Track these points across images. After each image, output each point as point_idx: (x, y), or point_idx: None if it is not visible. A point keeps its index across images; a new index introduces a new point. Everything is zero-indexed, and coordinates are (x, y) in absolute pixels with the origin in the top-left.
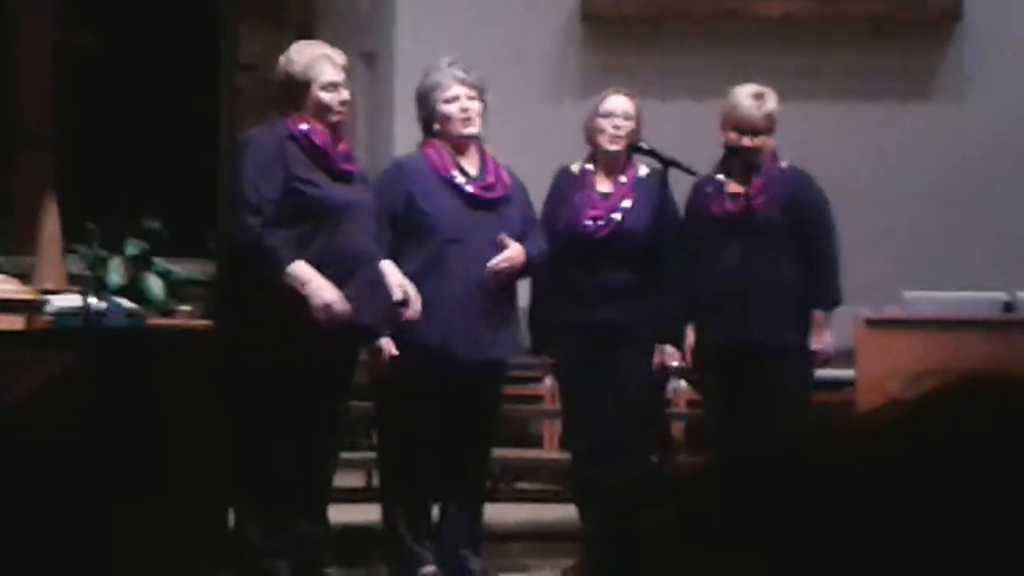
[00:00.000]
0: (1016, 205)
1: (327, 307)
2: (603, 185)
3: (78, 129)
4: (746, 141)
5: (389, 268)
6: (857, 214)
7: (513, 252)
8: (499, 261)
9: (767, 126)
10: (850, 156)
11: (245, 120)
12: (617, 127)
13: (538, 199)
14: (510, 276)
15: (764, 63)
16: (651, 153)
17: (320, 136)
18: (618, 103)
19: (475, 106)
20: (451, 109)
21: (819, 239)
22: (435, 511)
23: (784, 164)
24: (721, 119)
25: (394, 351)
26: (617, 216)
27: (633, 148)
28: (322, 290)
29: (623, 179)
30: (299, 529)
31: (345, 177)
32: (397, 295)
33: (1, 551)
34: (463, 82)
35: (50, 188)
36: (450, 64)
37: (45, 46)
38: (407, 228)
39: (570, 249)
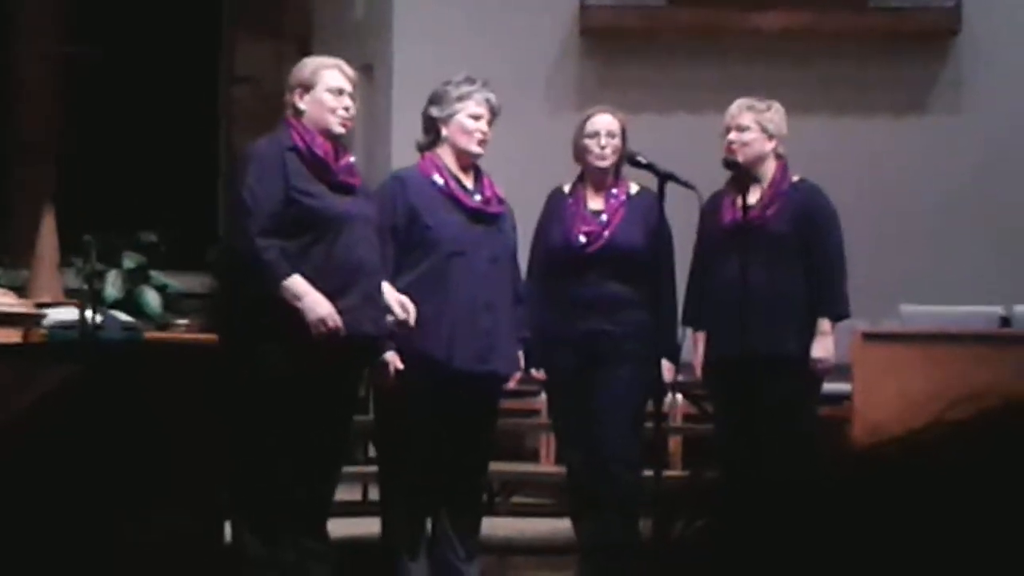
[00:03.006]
0: (1013, 219)
1: (321, 321)
2: (594, 202)
3: (76, 142)
4: (731, 136)
5: (385, 287)
6: (855, 228)
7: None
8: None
9: (753, 123)
10: (847, 170)
11: (243, 132)
12: (603, 146)
13: (536, 211)
14: None
15: (762, 77)
16: (648, 167)
17: (321, 148)
18: (602, 122)
19: (489, 132)
20: (473, 125)
21: (827, 251)
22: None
23: (795, 177)
24: None
25: (399, 364)
26: (608, 232)
27: (631, 161)
28: (317, 305)
29: (614, 196)
30: (299, 544)
31: (346, 189)
32: (398, 313)
33: None
34: (491, 108)
35: (48, 201)
36: (483, 85)
37: (46, 59)
38: (409, 241)
39: (562, 265)
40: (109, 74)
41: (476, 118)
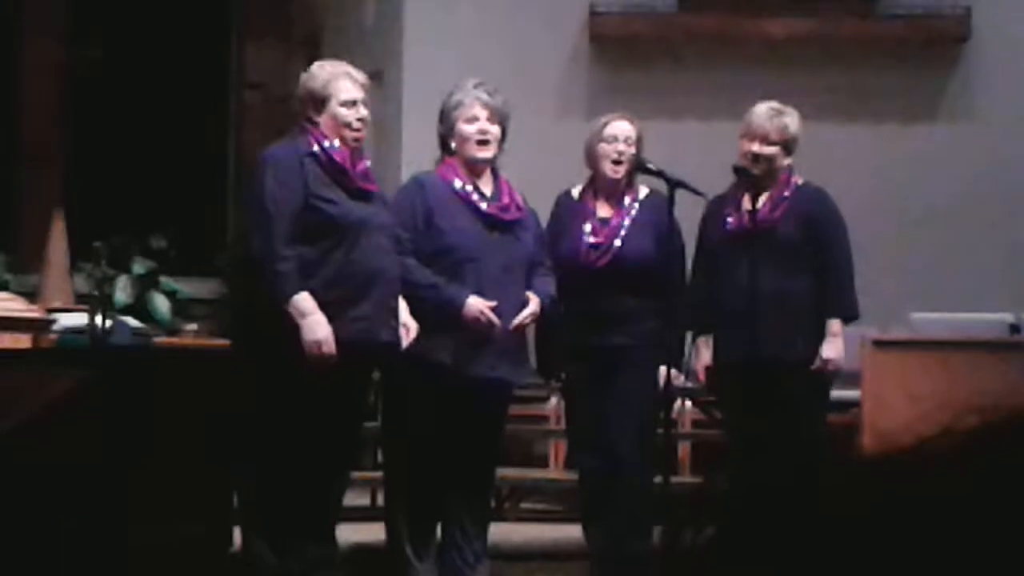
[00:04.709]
0: (1023, 226)
1: (316, 344)
2: (603, 210)
3: (85, 147)
4: (754, 147)
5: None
6: (864, 235)
7: (535, 306)
8: (524, 318)
9: (779, 139)
10: (857, 177)
11: (252, 137)
12: (620, 152)
13: (544, 218)
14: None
15: (771, 83)
16: (659, 174)
17: (339, 154)
18: (621, 128)
19: (494, 130)
20: (470, 130)
21: (835, 253)
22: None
23: (799, 181)
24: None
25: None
26: (618, 243)
27: (641, 169)
28: (318, 326)
29: (624, 203)
30: (308, 549)
31: (363, 195)
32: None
33: (3, 568)
34: (486, 105)
35: (57, 207)
36: (476, 86)
37: (52, 63)
38: (423, 244)
39: (572, 276)
40: (118, 78)
41: (472, 120)
